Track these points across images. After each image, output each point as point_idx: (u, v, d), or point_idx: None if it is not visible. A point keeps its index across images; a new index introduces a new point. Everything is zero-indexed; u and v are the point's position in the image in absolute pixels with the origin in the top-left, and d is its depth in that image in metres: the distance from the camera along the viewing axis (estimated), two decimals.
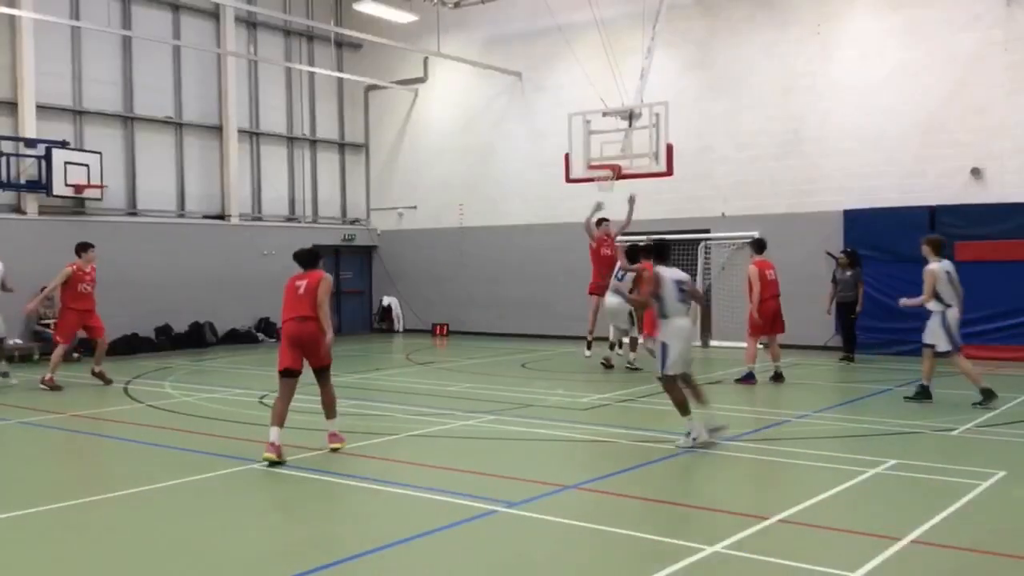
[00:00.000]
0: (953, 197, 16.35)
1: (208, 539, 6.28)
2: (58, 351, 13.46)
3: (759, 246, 13.75)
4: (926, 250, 10.99)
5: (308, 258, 8.77)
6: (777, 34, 18.35)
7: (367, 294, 24.63)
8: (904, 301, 11.27)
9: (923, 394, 11.05)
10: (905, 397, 11.29)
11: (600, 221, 15.42)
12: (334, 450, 8.64)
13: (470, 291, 22.41)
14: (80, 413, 11.30)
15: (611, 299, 14.40)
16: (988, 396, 10.60)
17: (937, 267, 10.79)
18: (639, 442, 9.20)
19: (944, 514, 6.42)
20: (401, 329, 23.79)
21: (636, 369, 14.51)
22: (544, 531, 6.32)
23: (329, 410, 8.81)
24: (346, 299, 23.83)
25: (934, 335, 10.80)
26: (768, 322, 13.26)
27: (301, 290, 8.51)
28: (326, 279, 8.55)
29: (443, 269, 23.02)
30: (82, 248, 13.70)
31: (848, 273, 16.10)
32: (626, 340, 15.05)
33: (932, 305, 10.79)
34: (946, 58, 16.60)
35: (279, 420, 8.27)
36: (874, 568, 5.34)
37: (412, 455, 8.83)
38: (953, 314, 10.73)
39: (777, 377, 13.14)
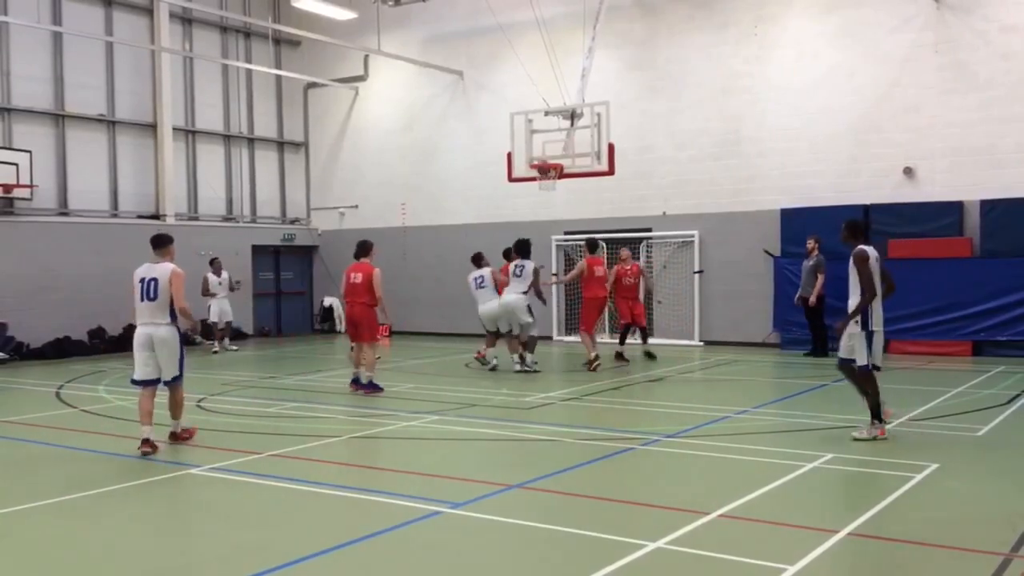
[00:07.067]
0: (886, 196, 16.73)
1: (143, 546, 6.13)
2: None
3: (592, 245, 14.88)
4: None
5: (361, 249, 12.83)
6: (715, 35, 18.57)
7: (308, 295, 24.34)
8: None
9: None
10: None
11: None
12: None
13: (413, 291, 22.26)
14: (11, 419, 10.97)
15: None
16: None
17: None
18: (583, 440, 9.23)
19: (880, 506, 6.55)
20: (343, 330, 23.52)
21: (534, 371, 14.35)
22: (489, 531, 6.30)
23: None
24: (287, 300, 23.54)
25: None
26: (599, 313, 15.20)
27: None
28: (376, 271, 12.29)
29: (385, 269, 22.77)
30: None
31: (809, 263, 15.76)
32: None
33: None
34: (879, 59, 16.97)
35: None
36: (812, 560, 5.43)
37: (355, 457, 8.74)
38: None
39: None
